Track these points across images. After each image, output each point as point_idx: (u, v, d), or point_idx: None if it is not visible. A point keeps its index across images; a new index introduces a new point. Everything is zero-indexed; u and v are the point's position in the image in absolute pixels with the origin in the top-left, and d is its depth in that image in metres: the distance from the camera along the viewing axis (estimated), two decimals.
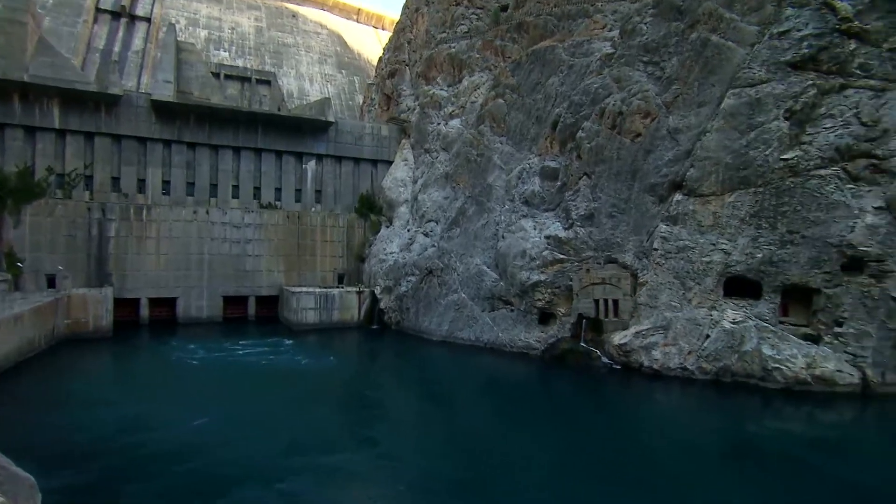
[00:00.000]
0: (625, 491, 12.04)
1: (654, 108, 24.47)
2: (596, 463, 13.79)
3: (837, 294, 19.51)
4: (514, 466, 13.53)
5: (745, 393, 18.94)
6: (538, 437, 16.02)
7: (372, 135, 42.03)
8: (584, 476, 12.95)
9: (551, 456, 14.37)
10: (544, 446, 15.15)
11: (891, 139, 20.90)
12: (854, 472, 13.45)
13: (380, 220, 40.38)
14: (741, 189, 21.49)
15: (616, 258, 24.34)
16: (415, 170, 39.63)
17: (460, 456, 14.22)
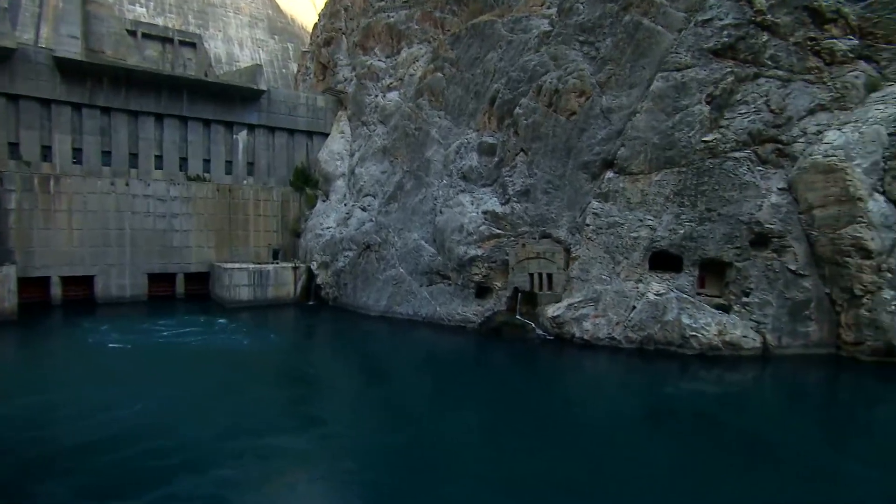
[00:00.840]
0: (555, 450, 12.58)
1: (589, 87, 24.78)
2: (529, 428, 14.18)
3: (746, 267, 20.98)
4: (456, 435, 13.68)
5: (665, 359, 20.12)
6: (476, 406, 16.28)
7: (307, 105, 39.94)
8: (519, 440, 13.27)
9: (489, 424, 14.65)
10: (482, 415, 15.42)
11: (794, 126, 22.43)
12: (753, 424, 14.79)
13: (316, 194, 38.83)
14: (667, 168, 22.39)
15: (550, 233, 24.80)
16: (352, 143, 38.24)
17: (404, 429, 14.10)
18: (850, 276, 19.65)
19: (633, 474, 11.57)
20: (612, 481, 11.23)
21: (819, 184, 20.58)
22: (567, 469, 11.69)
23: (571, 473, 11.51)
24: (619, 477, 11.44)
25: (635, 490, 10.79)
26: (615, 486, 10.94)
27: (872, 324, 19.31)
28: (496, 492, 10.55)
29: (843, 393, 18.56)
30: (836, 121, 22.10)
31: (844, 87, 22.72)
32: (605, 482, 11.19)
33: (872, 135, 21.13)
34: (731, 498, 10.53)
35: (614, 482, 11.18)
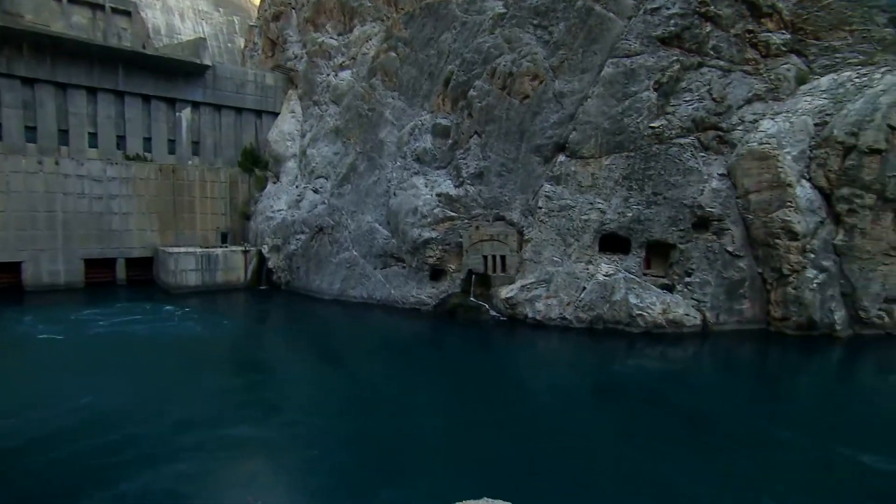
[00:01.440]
0: (511, 427, 12.66)
1: (542, 71, 24.67)
2: (485, 406, 14.21)
3: (688, 249, 21.71)
4: (415, 417, 13.52)
5: (613, 337, 20.62)
6: (433, 388, 16.17)
7: (255, 83, 37.94)
8: (476, 419, 13.28)
9: (446, 404, 14.59)
10: (439, 396, 15.34)
11: (733, 115, 23.20)
12: (693, 397, 15.44)
13: (266, 176, 37.20)
14: (616, 153, 22.70)
15: (504, 216, 24.76)
16: (303, 123, 36.73)
17: (364, 413, 13.74)
18: (780, 257, 20.69)
19: (583, 446, 11.87)
20: (563, 454, 11.38)
21: (754, 170, 21.44)
22: (523, 444, 11.79)
23: (527, 448, 11.62)
24: (570, 449, 11.63)
25: (586, 461, 11.06)
26: (567, 458, 11.12)
27: (797, 300, 20.47)
28: (456, 470, 10.51)
29: (772, 365, 19.61)
30: (770, 111, 23.03)
31: (778, 78, 23.67)
32: (557, 455, 11.33)
33: (801, 125, 22.16)
34: (676, 464, 10.95)
35: (566, 454, 11.34)
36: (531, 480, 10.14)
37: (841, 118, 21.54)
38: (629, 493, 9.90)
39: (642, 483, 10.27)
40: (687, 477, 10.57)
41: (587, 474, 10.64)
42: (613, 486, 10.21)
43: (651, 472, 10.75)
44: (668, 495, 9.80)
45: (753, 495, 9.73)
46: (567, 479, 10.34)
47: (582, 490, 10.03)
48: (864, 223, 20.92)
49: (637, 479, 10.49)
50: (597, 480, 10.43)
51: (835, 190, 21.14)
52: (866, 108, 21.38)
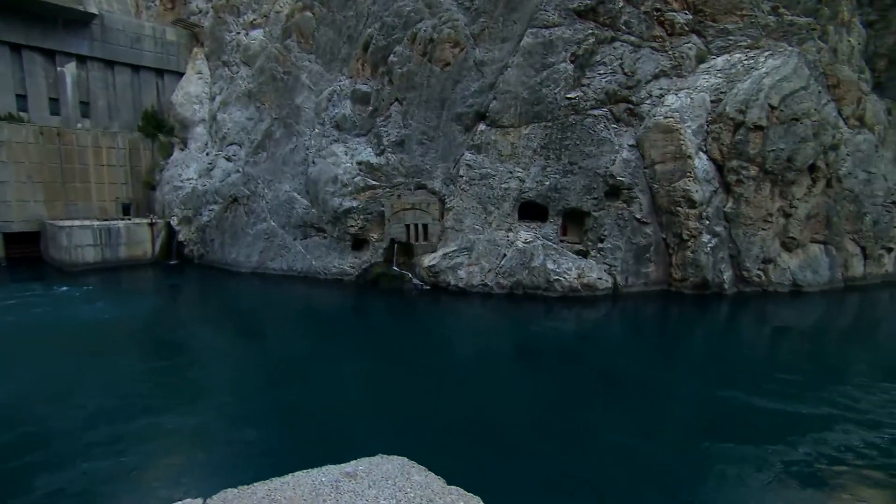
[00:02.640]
0: (437, 390, 12.41)
1: (463, 38, 23.73)
2: (410, 372, 13.80)
3: (601, 216, 22.23)
4: (343, 387, 12.82)
5: (532, 302, 20.81)
6: (359, 357, 15.36)
7: (154, 38, 33.56)
8: (402, 384, 12.87)
9: (373, 372, 13.96)
10: (365, 365, 14.62)
11: (642, 89, 23.74)
12: (604, 353, 16.07)
13: (171, 142, 33.46)
14: (535, 123, 22.50)
15: (425, 184, 23.95)
16: (212, 85, 33.21)
17: (293, 388, 12.72)
18: (680, 223, 21.77)
19: (503, 402, 11.90)
20: (486, 413, 11.24)
21: (660, 142, 22.18)
22: (448, 405, 11.59)
23: (452, 408, 11.44)
24: (492, 408, 11.55)
25: (510, 419, 11.01)
26: (489, 417, 11.00)
27: (694, 263, 21.76)
28: (388, 435, 10.07)
29: (671, 322, 20.76)
30: (674, 86, 23.82)
31: (681, 56, 24.47)
32: (479, 413, 11.21)
33: (700, 101, 23.15)
34: (591, 415, 11.34)
35: (488, 414, 11.21)
36: (453, 436, 9.90)
37: (732, 96, 22.73)
38: (546, 441, 9.97)
39: (557, 431, 10.40)
40: (596, 421, 10.95)
41: (507, 428, 10.54)
42: (531, 435, 10.21)
43: (564, 420, 10.95)
44: (579, 439, 10.05)
45: (652, 431, 10.59)
46: (486, 432, 10.24)
47: (502, 440, 9.93)
48: (748, 192, 22.46)
49: (552, 427, 10.62)
50: (516, 431, 10.39)
51: (726, 162, 22.43)
52: (752, 89, 22.70)
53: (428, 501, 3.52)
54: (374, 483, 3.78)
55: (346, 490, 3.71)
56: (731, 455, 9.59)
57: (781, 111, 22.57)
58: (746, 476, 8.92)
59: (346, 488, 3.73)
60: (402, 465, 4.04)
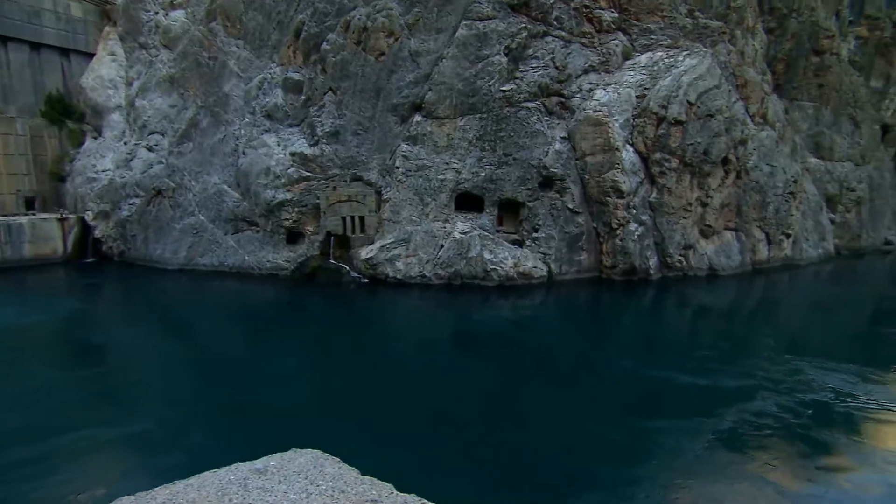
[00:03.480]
0: (370, 381, 12.22)
1: (398, 28, 23.33)
2: (351, 365, 13.51)
3: (535, 206, 22.74)
4: (278, 383, 12.31)
5: (470, 292, 20.98)
6: (294, 352, 14.86)
7: (56, 13, 30.39)
8: (344, 377, 12.56)
9: (308, 367, 13.58)
10: (301, 360, 14.18)
11: (573, 83, 24.45)
12: (540, 338, 16.52)
13: (82, 130, 30.64)
14: (470, 114, 22.58)
15: (361, 176, 23.45)
16: (128, 69, 30.68)
17: (229, 388, 12.04)
18: (609, 213, 22.70)
19: (442, 392, 11.91)
20: (419, 402, 11.17)
21: (590, 135, 22.97)
22: (378, 396, 11.47)
23: (382, 399, 11.33)
24: (426, 397, 11.57)
25: (445, 406, 11.05)
26: (422, 406, 11.01)
27: (623, 250, 22.80)
28: (312, 429, 9.73)
29: (602, 307, 21.68)
30: (602, 81, 24.72)
31: (608, 52, 25.44)
32: (412, 403, 11.15)
33: (626, 96, 24.20)
34: (529, 397, 11.62)
35: (422, 403, 11.17)
36: (379, 427, 9.79)
37: (655, 92, 23.92)
38: (482, 424, 10.11)
39: (494, 414, 10.59)
40: (535, 402, 11.29)
41: (441, 415, 10.58)
42: (466, 420, 10.28)
43: (502, 403, 11.18)
44: (516, 421, 10.32)
45: (590, 409, 11.20)
46: (416, 421, 10.26)
47: (432, 428, 9.96)
48: (670, 183, 23.79)
49: (489, 411, 10.78)
50: (450, 418, 10.45)
51: (650, 154, 23.61)
52: (673, 86, 24.02)
53: (339, 492, 3.39)
54: (285, 478, 3.59)
55: (254, 487, 3.49)
56: (666, 428, 10.15)
57: (698, 107, 24.05)
58: (683, 447, 9.47)
59: (254, 485, 3.51)
60: (315, 458, 3.89)
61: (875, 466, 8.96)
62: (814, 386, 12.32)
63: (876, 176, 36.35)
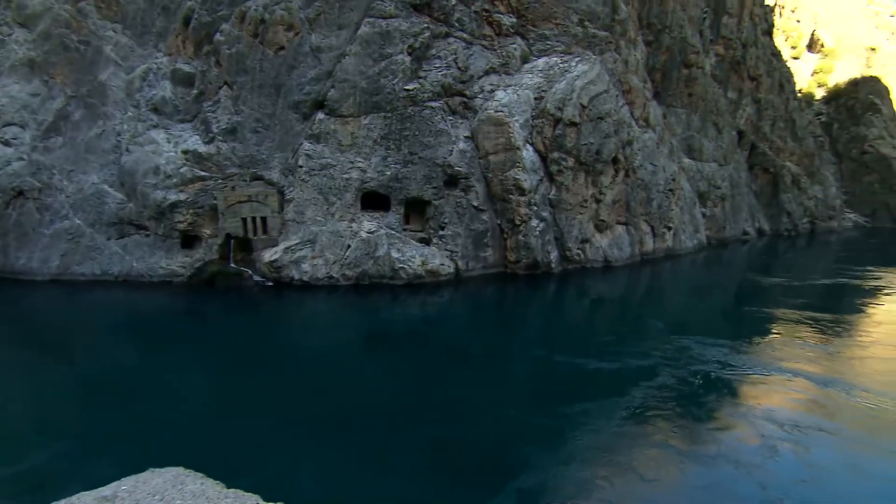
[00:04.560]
0: (269, 388, 11.80)
1: (298, 22, 22.46)
2: (258, 371, 12.92)
3: (441, 204, 23.08)
4: (173, 399, 11.40)
5: (379, 291, 20.84)
6: (193, 364, 13.86)
7: None
8: (249, 385, 11.96)
9: (208, 379, 12.78)
10: (200, 372, 13.26)
11: (475, 84, 25.12)
12: (450, 333, 16.91)
13: None
14: (374, 113, 22.35)
15: (262, 175, 22.32)
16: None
17: (119, 408, 10.92)
18: (512, 210, 23.66)
19: (356, 393, 11.85)
20: (330, 403, 11.09)
21: (492, 134, 23.75)
22: (291, 403, 11.18)
23: (296, 405, 11.09)
24: (337, 397, 11.44)
25: (364, 401, 11.11)
26: (343, 401, 10.99)
27: (525, 246, 23.88)
28: (184, 445, 9.23)
29: (508, 300, 22.58)
30: (503, 83, 25.66)
31: (508, 55, 26.45)
32: (333, 400, 11.15)
33: (525, 97, 25.34)
34: (445, 392, 12.01)
35: (334, 403, 11.10)
36: (266, 437, 9.52)
37: (551, 95, 25.30)
38: (405, 419, 10.29)
39: (407, 409, 10.79)
40: (451, 394, 11.70)
41: (360, 414, 10.55)
42: (386, 416, 10.35)
43: (418, 397, 11.39)
44: (436, 413, 10.64)
45: (502, 395, 11.94)
46: (335, 421, 10.18)
47: (359, 425, 9.97)
48: (567, 181, 25.34)
49: (401, 407, 10.91)
50: (371, 415, 10.45)
51: (549, 154, 24.96)
52: (567, 89, 25.56)
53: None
54: (138, 502, 3.38)
55: None
56: (584, 409, 11.04)
57: (590, 110, 25.81)
58: (601, 425, 10.38)
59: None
60: (175, 476, 3.68)
61: (750, 421, 10.78)
62: (699, 359, 14.15)
63: (735, 175, 41.46)
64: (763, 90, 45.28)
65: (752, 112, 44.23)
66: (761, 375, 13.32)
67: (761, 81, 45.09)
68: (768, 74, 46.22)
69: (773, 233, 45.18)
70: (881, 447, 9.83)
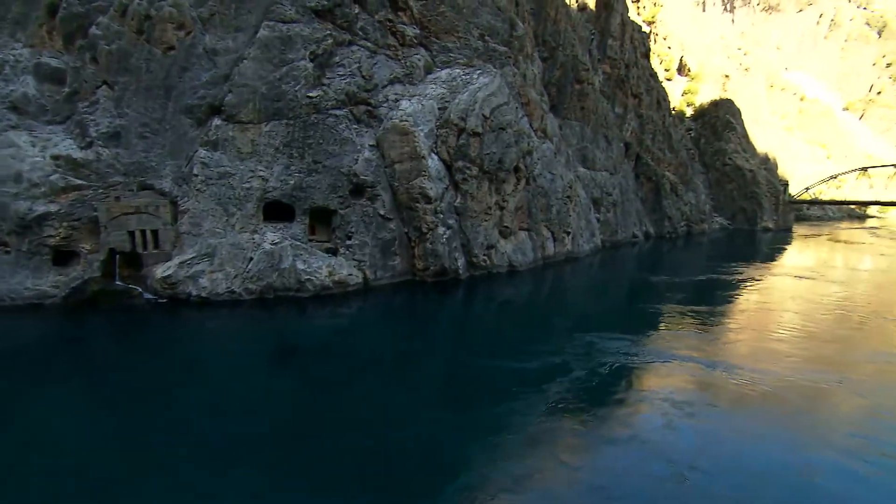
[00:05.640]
0: (179, 415, 11.31)
1: (190, 20, 21.48)
2: (150, 400, 12.27)
3: (348, 214, 23.25)
4: (67, 434, 10.69)
5: (285, 304, 20.50)
6: (54, 399, 12.56)
7: None
8: (134, 424, 11.27)
9: (72, 414, 11.76)
10: (65, 406, 12.17)
11: (379, 92, 25.66)
12: (362, 345, 17.09)
13: None
14: (276, 120, 21.99)
15: (152, 184, 20.98)
16: None
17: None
18: (419, 218, 24.45)
19: (272, 406, 11.92)
20: (251, 419, 11.03)
21: (398, 143, 24.41)
22: (209, 422, 11.03)
23: (214, 425, 10.95)
24: (259, 413, 11.42)
25: (279, 419, 11.09)
26: (256, 422, 10.87)
27: (433, 253, 24.78)
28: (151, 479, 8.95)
29: (417, 308, 23.22)
30: (407, 92, 26.48)
31: (412, 65, 27.34)
32: (246, 423, 10.95)
33: (430, 107, 26.35)
34: (362, 402, 12.33)
35: (255, 419, 11.07)
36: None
37: (455, 106, 26.57)
38: (326, 433, 10.34)
39: (329, 421, 10.92)
40: (369, 403, 12.10)
41: (276, 433, 10.51)
42: (304, 435, 10.40)
43: (334, 410, 11.51)
44: (356, 424, 10.91)
45: (425, 399, 12.61)
46: (252, 440, 10.12)
47: (278, 446, 9.96)
48: (472, 189, 26.69)
49: (324, 419, 11.05)
50: (289, 434, 10.48)
51: (453, 162, 26.14)
52: (470, 100, 27.00)
53: None
54: None
55: None
56: (508, 408, 12.04)
57: (492, 121, 27.47)
58: (526, 420, 11.41)
59: None
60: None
61: (653, 404, 12.68)
62: (605, 352, 15.99)
63: (624, 183, 46.11)
64: (644, 107, 50.85)
65: (636, 126, 49.47)
66: (658, 363, 15.51)
67: (642, 99, 50.62)
68: (648, 93, 52.01)
69: (657, 235, 50.73)
70: (759, 416, 12.04)
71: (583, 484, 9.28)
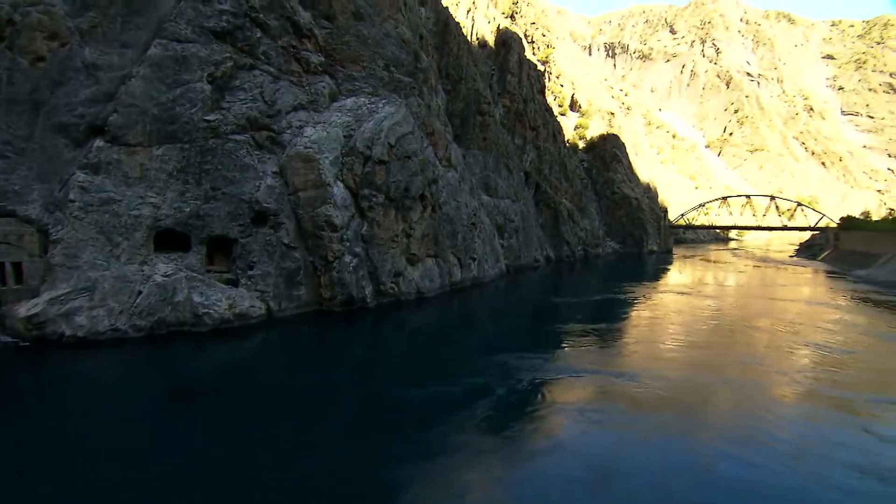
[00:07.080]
0: (48, 477, 10.38)
1: (65, 31, 20.25)
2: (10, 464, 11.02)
3: (249, 243, 22.86)
4: None
5: (179, 340, 19.47)
6: None
7: None
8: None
9: None
10: None
11: (283, 119, 25.81)
12: (267, 380, 16.77)
13: None
14: (169, 143, 21.23)
15: (15, 210, 19.06)
16: None
17: None
18: (325, 246, 24.67)
19: (165, 453, 11.44)
20: (142, 470, 10.40)
21: (302, 170, 24.64)
22: (92, 480, 10.14)
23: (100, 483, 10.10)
24: (150, 462, 10.86)
25: (175, 467, 10.64)
26: (149, 473, 10.26)
27: (340, 282, 25.05)
28: None
29: (325, 339, 23.21)
30: (311, 119, 26.89)
31: (316, 93, 27.89)
32: (136, 476, 10.32)
33: (335, 135, 26.96)
34: (269, 433, 12.52)
35: (146, 469, 10.45)
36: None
37: (360, 134, 27.46)
38: (233, 477, 10.18)
39: (233, 464, 10.82)
40: (276, 439, 12.17)
41: (173, 483, 10.10)
42: (209, 482, 10.15)
43: (236, 451, 11.40)
44: (265, 461, 10.95)
45: (334, 429, 13.02)
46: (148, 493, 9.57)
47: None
48: (379, 216, 27.53)
49: (228, 463, 10.92)
50: (190, 483, 10.12)
51: (359, 190, 26.83)
52: (376, 129, 28.08)
53: None
54: None
55: None
56: (437, 432, 12.79)
57: (397, 149, 28.71)
58: (458, 441, 12.30)
59: None
60: None
61: (569, 415, 14.28)
62: (519, 370, 17.42)
63: (525, 210, 49.84)
64: (541, 139, 55.69)
65: (535, 157, 53.93)
66: (569, 377, 17.36)
67: (540, 131, 55.44)
68: (544, 126, 57.12)
69: (557, 259, 55.10)
70: (662, 418, 13.94)
71: (517, 494, 10.29)
